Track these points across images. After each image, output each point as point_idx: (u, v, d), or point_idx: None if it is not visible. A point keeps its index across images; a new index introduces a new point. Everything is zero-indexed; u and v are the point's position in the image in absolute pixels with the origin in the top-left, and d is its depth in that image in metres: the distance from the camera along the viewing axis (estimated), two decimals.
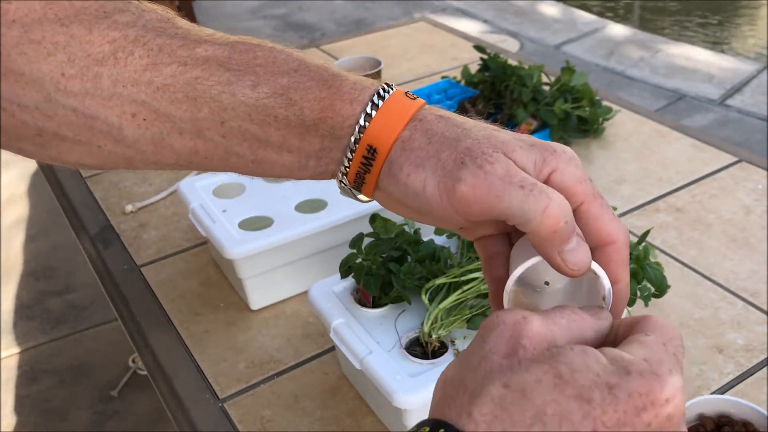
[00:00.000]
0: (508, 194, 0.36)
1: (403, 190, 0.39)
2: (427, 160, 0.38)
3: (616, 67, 3.71)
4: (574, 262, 0.37)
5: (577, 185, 0.38)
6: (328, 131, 0.40)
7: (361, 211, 0.92)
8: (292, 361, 0.87)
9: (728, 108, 3.29)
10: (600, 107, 1.28)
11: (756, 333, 0.87)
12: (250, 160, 0.42)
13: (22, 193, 2.88)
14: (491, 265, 0.43)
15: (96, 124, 0.41)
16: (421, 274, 0.79)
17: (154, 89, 0.40)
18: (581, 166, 0.39)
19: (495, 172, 0.36)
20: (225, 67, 0.40)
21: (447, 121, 0.40)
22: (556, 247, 0.36)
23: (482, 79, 1.34)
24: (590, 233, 0.39)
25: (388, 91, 0.40)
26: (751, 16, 4.51)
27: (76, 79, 0.39)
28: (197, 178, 1.01)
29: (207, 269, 1.02)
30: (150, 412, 1.91)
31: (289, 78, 0.40)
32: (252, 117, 0.40)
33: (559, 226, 0.36)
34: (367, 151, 0.39)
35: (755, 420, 0.69)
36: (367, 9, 4.59)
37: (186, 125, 0.41)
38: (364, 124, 0.39)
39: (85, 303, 2.30)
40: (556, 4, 4.51)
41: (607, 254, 0.39)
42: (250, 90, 0.40)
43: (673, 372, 0.33)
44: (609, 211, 0.39)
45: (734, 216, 1.08)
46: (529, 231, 0.37)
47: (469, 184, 0.37)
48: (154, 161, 0.43)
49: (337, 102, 0.40)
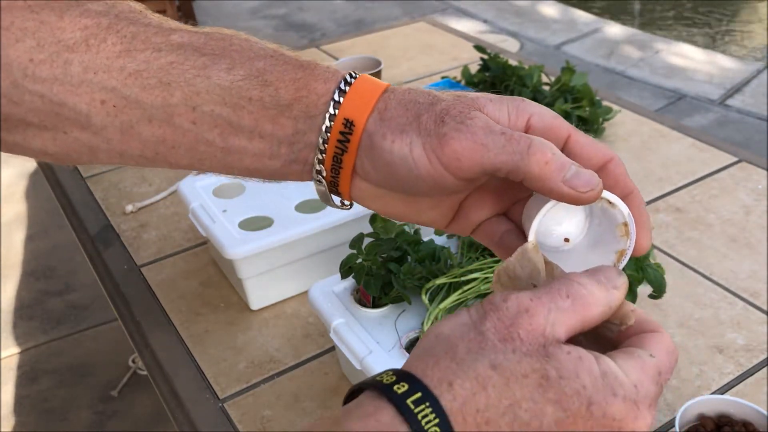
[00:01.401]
0: (493, 141, 0.37)
1: (389, 159, 0.39)
2: (408, 125, 0.39)
3: (616, 67, 3.71)
4: (584, 183, 0.36)
5: (557, 121, 0.39)
6: (303, 111, 0.40)
7: (361, 211, 0.92)
8: (292, 361, 0.87)
9: (728, 108, 3.29)
10: (600, 107, 1.28)
11: (756, 333, 0.87)
12: (219, 148, 0.41)
13: (21, 192, 2.88)
14: (505, 246, 0.42)
15: (63, 110, 0.40)
16: (421, 274, 0.79)
17: (126, 75, 0.40)
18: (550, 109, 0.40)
19: (476, 124, 0.37)
20: (200, 53, 0.40)
21: (417, 92, 0.40)
22: (557, 178, 0.36)
23: (482, 79, 1.34)
24: (587, 159, 0.39)
25: (357, 75, 0.41)
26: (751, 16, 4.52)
27: (44, 64, 0.39)
28: (197, 178, 1.01)
29: (207, 269, 1.02)
30: (150, 412, 1.91)
31: (265, 62, 0.40)
32: (225, 100, 0.40)
33: (548, 157, 0.36)
34: (344, 126, 0.39)
35: (755, 420, 0.69)
36: (367, 9, 4.59)
37: (156, 112, 0.40)
38: (339, 99, 0.39)
39: (85, 303, 2.30)
40: (556, 4, 4.51)
41: (610, 171, 0.39)
42: (225, 73, 0.40)
43: (651, 407, 0.33)
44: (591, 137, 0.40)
45: (734, 216, 1.08)
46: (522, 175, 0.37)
47: (455, 137, 0.37)
48: (119, 152, 0.42)
49: (311, 81, 0.40)
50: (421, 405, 0.31)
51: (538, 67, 1.30)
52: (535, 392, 0.31)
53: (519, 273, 0.37)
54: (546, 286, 0.35)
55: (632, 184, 0.40)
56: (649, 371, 0.34)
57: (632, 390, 0.33)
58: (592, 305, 0.35)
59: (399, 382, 0.32)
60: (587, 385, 0.32)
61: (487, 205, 0.43)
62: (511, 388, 0.31)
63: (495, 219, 0.43)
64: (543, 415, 0.31)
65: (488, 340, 0.33)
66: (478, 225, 0.43)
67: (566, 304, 0.34)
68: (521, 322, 0.33)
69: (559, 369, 0.32)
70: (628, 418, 0.32)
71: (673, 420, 0.73)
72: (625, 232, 0.39)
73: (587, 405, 0.32)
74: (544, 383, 0.32)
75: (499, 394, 0.31)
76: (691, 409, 0.70)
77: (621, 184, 0.39)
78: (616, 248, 0.40)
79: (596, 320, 0.35)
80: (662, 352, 0.35)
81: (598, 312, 0.35)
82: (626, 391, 0.33)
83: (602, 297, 0.35)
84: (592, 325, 0.35)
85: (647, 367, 0.34)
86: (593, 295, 0.35)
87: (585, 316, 0.34)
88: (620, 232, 0.39)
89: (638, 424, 0.33)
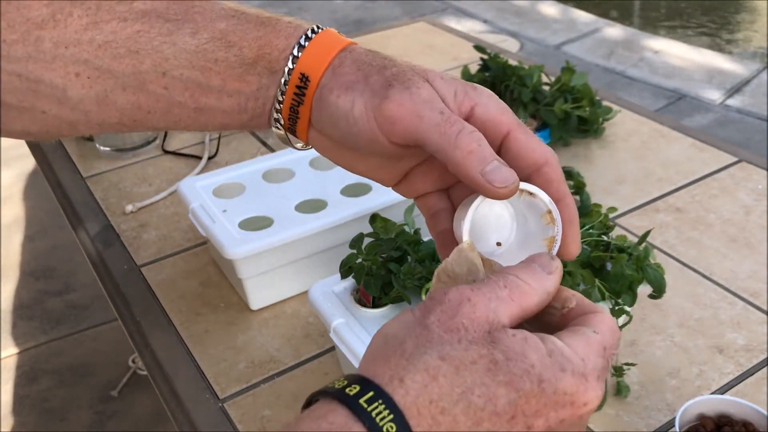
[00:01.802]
0: (428, 117, 0.38)
1: (333, 113, 0.41)
2: (356, 83, 0.40)
3: (616, 67, 3.71)
4: (500, 180, 0.37)
5: (501, 116, 0.40)
6: (266, 66, 0.42)
7: (361, 211, 0.92)
8: (292, 361, 0.87)
9: (728, 108, 3.29)
10: (600, 107, 1.28)
11: (756, 333, 0.87)
12: (192, 109, 0.43)
13: (21, 192, 2.88)
14: (436, 221, 0.45)
15: (40, 87, 0.41)
16: (421, 274, 0.79)
17: (96, 47, 0.40)
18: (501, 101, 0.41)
19: (420, 95, 0.39)
20: (164, 18, 0.41)
21: (375, 54, 0.42)
22: (476, 168, 0.37)
23: (482, 79, 1.34)
24: (523, 158, 0.40)
25: (321, 28, 0.42)
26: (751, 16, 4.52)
27: (18, 44, 0.40)
28: (197, 178, 1.01)
29: (207, 269, 1.02)
30: (150, 412, 1.91)
31: (227, 22, 0.42)
32: (193, 63, 0.41)
33: (472, 147, 0.37)
34: (300, 80, 0.41)
35: (755, 420, 0.69)
36: (367, 9, 4.59)
37: (129, 80, 0.41)
38: (297, 54, 0.41)
39: (85, 303, 2.30)
40: (556, 4, 4.51)
41: (544, 174, 0.40)
42: (190, 37, 0.41)
43: (600, 379, 0.34)
44: (535, 137, 0.40)
45: (734, 216, 1.08)
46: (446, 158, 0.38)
47: (396, 102, 0.38)
48: (98, 122, 0.43)
49: (273, 38, 0.42)
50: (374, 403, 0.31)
51: (538, 67, 1.30)
52: (485, 376, 0.32)
53: (458, 271, 0.39)
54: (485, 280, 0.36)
55: (565, 189, 0.41)
56: (594, 346, 0.35)
57: (580, 364, 0.34)
58: (529, 293, 0.36)
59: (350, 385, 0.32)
60: (535, 364, 0.33)
61: (432, 178, 0.44)
62: (462, 375, 0.32)
63: (437, 194, 0.45)
64: (496, 398, 0.32)
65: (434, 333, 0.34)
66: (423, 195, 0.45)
67: (504, 293, 0.35)
68: (464, 312, 0.34)
69: (506, 351, 0.33)
70: (579, 391, 0.33)
71: (673, 420, 0.73)
72: (551, 219, 0.40)
73: (538, 383, 0.32)
74: (492, 367, 0.32)
75: (450, 382, 0.32)
76: (691, 409, 0.70)
77: (553, 188, 0.40)
78: (545, 236, 0.41)
79: (535, 306, 0.36)
80: (605, 328, 0.36)
81: (536, 299, 0.36)
82: (574, 365, 0.33)
83: (537, 284, 0.37)
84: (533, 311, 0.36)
85: (592, 342, 0.35)
86: (528, 284, 0.36)
87: (523, 303, 0.36)
88: (546, 221, 0.40)
89: (589, 396, 0.33)
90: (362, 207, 0.92)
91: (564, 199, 0.40)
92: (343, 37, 0.42)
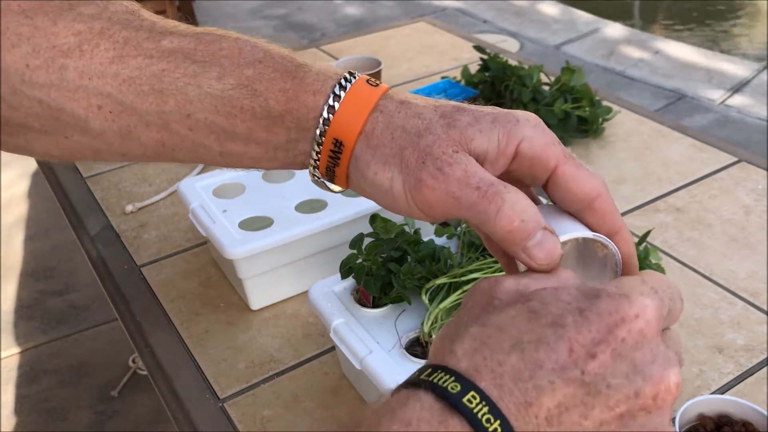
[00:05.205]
0: (465, 197, 0.37)
1: (371, 188, 0.40)
2: (392, 158, 0.39)
3: (616, 67, 3.71)
4: (540, 257, 0.37)
5: (547, 149, 0.39)
6: (294, 123, 0.40)
7: (361, 211, 0.92)
8: (292, 361, 0.87)
9: (728, 108, 3.29)
10: (600, 107, 1.28)
11: (756, 333, 0.87)
12: (217, 152, 0.42)
13: (22, 193, 2.88)
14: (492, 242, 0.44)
15: (62, 115, 0.41)
16: (421, 274, 0.79)
17: (120, 82, 0.40)
18: (548, 130, 0.39)
19: (453, 174, 0.37)
20: (191, 59, 0.40)
21: (408, 110, 0.40)
22: (517, 245, 0.37)
23: (482, 79, 1.34)
24: (573, 193, 0.39)
25: (350, 80, 0.40)
26: (750, 16, 4.52)
27: (41, 70, 0.39)
28: (197, 178, 1.01)
29: (207, 269, 1.02)
30: (150, 412, 1.91)
31: (254, 69, 0.40)
32: (218, 109, 0.40)
33: (513, 226, 0.36)
34: (333, 145, 0.40)
35: (755, 420, 0.69)
36: (367, 9, 4.59)
37: (152, 118, 0.41)
38: (328, 117, 0.39)
39: (85, 303, 2.30)
40: (556, 4, 4.51)
41: (597, 208, 0.39)
42: (216, 81, 0.40)
43: (644, 294, 0.34)
44: (584, 168, 0.39)
45: (734, 216, 1.08)
46: (488, 232, 0.38)
47: (430, 187, 0.37)
48: (122, 153, 0.43)
49: (301, 93, 0.40)
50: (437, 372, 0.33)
51: (537, 67, 1.30)
52: (529, 324, 0.33)
53: None
54: None
55: (620, 221, 0.40)
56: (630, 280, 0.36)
57: (614, 289, 0.34)
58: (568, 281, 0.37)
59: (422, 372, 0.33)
60: (570, 300, 0.34)
61: None
62: (506, 330, 0.33)
63: None
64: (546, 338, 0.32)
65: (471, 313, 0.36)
66: None
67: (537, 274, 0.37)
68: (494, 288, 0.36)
69: (541, 300, 0.34)
70: (623, 306, 0.33)
71: (672, 420, 0.73)
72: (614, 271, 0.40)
73: (580, 313, 0.33)
74: (533, 316, 0.33)
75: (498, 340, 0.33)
76: (691, 409, 0.70)
77: (608, 223, 0.39)
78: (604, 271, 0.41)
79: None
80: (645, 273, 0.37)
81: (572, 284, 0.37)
82: (608, 290, 0.34)
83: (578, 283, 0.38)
84: None
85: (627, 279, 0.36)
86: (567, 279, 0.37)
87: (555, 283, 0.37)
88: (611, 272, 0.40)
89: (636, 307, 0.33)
90: (362, 207, 0.92)
91: (620, 233, 0.40)
92: (373, 87, 0.40)
